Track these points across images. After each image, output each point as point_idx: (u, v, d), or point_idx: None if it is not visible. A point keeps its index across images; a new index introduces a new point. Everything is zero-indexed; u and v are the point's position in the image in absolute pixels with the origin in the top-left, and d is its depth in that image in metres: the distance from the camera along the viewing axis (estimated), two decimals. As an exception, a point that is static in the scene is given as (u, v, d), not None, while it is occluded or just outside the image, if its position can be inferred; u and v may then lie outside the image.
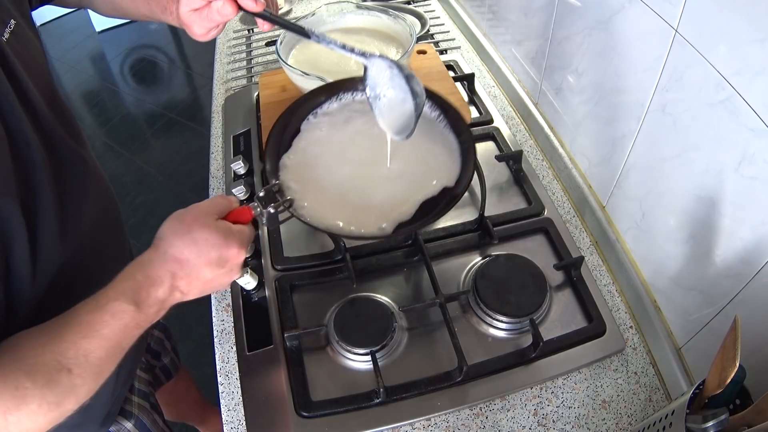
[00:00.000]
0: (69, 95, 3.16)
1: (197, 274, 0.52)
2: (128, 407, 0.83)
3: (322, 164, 0.73)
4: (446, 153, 0.73)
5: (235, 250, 0.54)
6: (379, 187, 0.71)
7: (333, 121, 0.78)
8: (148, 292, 0.50)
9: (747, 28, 0.51)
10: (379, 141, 0.73)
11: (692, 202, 0.65)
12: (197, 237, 0.52)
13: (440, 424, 0.70)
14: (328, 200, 0.69)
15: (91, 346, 0.46)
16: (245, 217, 0.59)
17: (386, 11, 1.05)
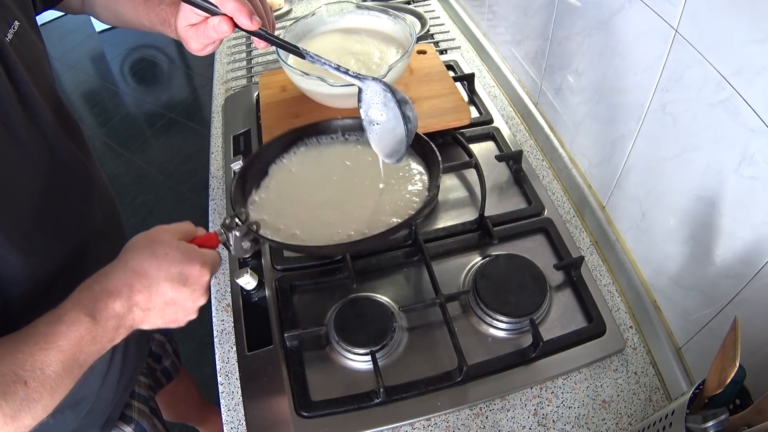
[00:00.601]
0: (69, 95, 3.17)
1: (156, 288, 0.50)
2: (128, 412, 0.83)
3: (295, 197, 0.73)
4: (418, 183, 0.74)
5: (197, 268, 0.52)
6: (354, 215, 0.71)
7: (302, 161, 0.78)
8: (105, 303, 0.48)
9: (747, 28, 0.51)
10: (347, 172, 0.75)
11: (692, 202, 0.65)
12: (158, 251, 0.51)
13: (440, 424, 0.70)
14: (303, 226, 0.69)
15: (48, 359, 0.45)
16: (211, 242, 0.57)
17: (386, 11, 1.05)
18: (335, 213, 0.71)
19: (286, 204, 0.72)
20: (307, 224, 0.69)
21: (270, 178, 0.75)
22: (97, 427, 0.75)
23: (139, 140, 2.82)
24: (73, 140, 0.67)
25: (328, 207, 0.72)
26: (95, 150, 0.75)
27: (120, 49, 3.54)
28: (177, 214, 2.35)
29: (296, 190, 0.74)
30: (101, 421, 0.76)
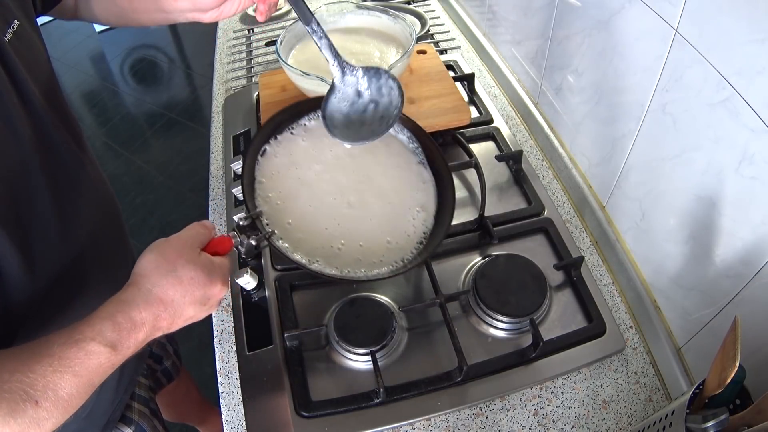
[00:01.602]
0: (69, 95, 3.17)
1: (180, 313, 0.51)
2: (128, 413, 0.83)
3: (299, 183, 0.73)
4: (423, 185, 0.73)
5: (219, 287, 0.53)
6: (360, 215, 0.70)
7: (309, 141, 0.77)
8: (129, 334, 0.48)
9: (747, 28, 0.51)
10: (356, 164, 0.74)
11: (692, 202, 0.65)
12: (182, 276, 0.50)
13: (440, 424, 0.70)
14: (308, 223, 0.69)
15: (62, 382, 0.44)
16: (224, 246, 0.57)
17: (386, 11, 1.05)
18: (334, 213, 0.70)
19: (291, 188, 0.71)
20: (306, 222, 0.68)
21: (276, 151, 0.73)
22: (97, 428, 0.75)
23: (139, 140, 2.82)
24: (74, 140, 0.67)
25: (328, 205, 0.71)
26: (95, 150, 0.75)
27: (120, 49, 3.54)
28: (177, 214, 2.35)
29: (302, 172, 0.72)
30: (101, 422, 0.76)
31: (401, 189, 0.71)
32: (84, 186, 0.68)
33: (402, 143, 0.74)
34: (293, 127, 0.76)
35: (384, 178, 0.73)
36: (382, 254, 0.66)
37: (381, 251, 0.66)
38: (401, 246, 0.67)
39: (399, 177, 0.72)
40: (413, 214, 0.69)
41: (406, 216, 0.69)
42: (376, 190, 0.71)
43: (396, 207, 0.70)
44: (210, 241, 0.56)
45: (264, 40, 1.37)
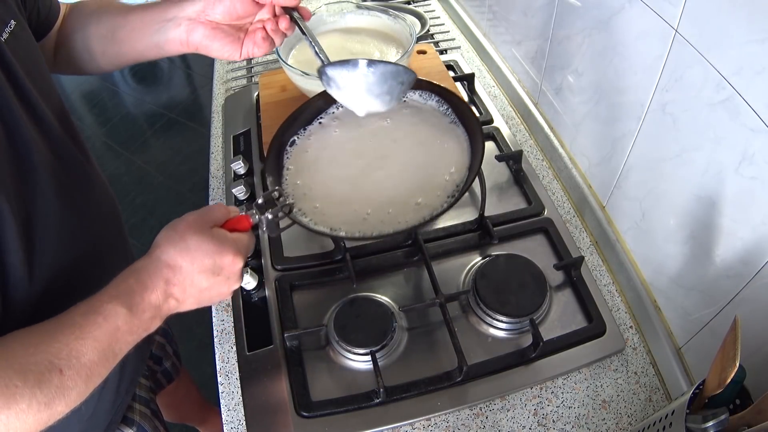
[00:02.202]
0: (69, 95, 3.16)
1: (191, 281, 0.52)
2: (130, 414, 0.83)
3: (332, 163, 0.73)
4: (457, 144, 0.73)
5: (230, 258, 0.53)
6: (391, 184, 0.70)
7: (341, 123, 0.78)
8: (142, 296, 0.50)
9: (747, 28, 0.51)
10: (390, 138, 0.74)
11: (692, 202, 0.65)
12: (190, 244, 0.52)
13: (440, 424, 0.70)
14: (337, 201, 0.69)
15: (84, 348, 0.46)
16: (243, 225, 0.57)
17: (386, 11, 1.05)
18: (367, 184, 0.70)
19: (320, 173, 0.71)
20: (336, 198, 0.68)
21: (306, 139, 0.74)
22: (99, 430, 0.75)
23: (139, 140, 2.82)
24: (72, 140, 0.67)
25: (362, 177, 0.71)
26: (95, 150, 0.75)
27: (120, 49, 3.54)
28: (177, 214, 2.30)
29: (333, 156, 0.73)
30: (104, 424, 0.76)
31: (437, 152, 0.72)
32: (85, 185, 0.68)
33: (432, 108, 0.76)
34: (321, 117, 0.77)
35: (418, 148, 0.73)
36: (409, 215, 0.66)
37: (409, 212, 0.66)
38: (431, 204, 0.67)
39: (434, 142, 0.73)
40: (447, 174, 0.69)
41: (440, 177, 0.69)
42: (412, 158, 0.72)
43: (432, 168, 0.70)
44: (228, 221, 0.56)
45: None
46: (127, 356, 0.76)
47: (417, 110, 0.77)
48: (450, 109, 0.76)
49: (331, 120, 0.77)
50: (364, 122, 0.76)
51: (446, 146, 0.73)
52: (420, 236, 0.85)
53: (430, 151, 0.73)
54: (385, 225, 0.65)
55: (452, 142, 0.73)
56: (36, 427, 0.45)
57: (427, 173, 0.70)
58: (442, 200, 0.67)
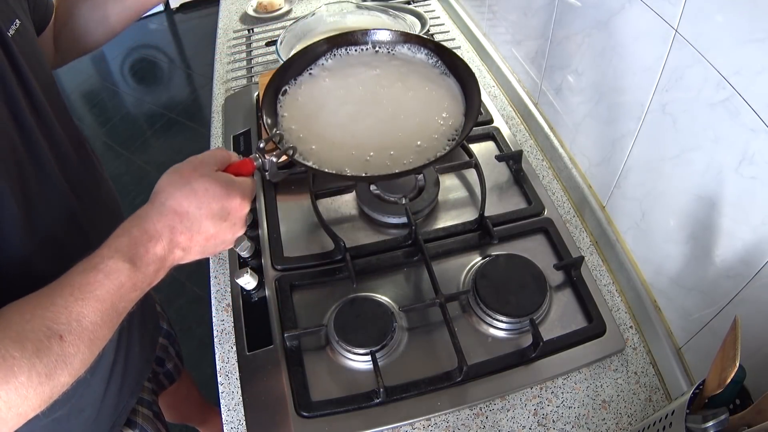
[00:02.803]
0: (69, 95, 3.16)
1: (198, 227, 0.49)
2: (133, 417, 0.83)
3: (324, 109, 0.73)
4: (447, 91, 0.75)
5: (238, 201, 0.51)
6: (384, 128, 0.70)
7: (331, 74, 0.78)
8: (146, 248, 0.46)
9: (747, 28, 0.51)
10: (380, 85, 0.75)
11: (692, 202, 0.65)
12: (197, 187, 0.48)
13: (440, 424, 0.70)
14: (334, 145, 0.68)
15: (85, 310, 0.43)
16: (246, 169, 0.55)
17: (386, 11, 1.05)
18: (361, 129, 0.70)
19: (313, 118, 0.71)
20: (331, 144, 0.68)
21: (298, 88, 0.75)
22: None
23: (139, 140, 2.82)
24: (75, 140, 0.67)
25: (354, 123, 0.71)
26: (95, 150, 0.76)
27: (120, 49, 3.54)
28: (177, 214, 2.35)
29: (324, 102, 0.73)
30: (107, 427, 0.76)
31: (427, 99, 0.73)
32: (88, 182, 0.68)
33: (422, 60, 0.78)
34: (311, 68, 0.78)
35: (408, 93, 0.74)
36: (412, 156, 0.65)
37: (411, 153, 0.66)
38: (432, 146, 0.67)
39: (423, 89, 0.74)
40: (441, 118, 0.70)
41: (435, 120, 0.70)
42: (402, 104, 0.73)
43: (424, 114, 0.71)
44: (230, 165, 0.54)
45: (264, 40, 1.37)
46: (130, 359, 0.76)
47: (406, 62, 0.79)
48: (440, 61, 0.78)
49: (321, 71, 0.78)
50: (354, 72, 0.77)
51: (436, 93, 0.74)
52: (420, 236, 0.85)
53: (421, 98, 0.74)
54: (390, 166, 0.64)
55: (443, 89, 0.75)
56: (38, 403, 0.42)
57: (421, 118, 0.71)
58: (443, 143, 0.67)
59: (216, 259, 0.90)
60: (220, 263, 0.90)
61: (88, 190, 0.68)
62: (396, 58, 0.79)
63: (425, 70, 0.77)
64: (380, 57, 0.80)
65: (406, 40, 0.79)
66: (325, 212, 0.91)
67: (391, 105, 0.74)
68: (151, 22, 3.76)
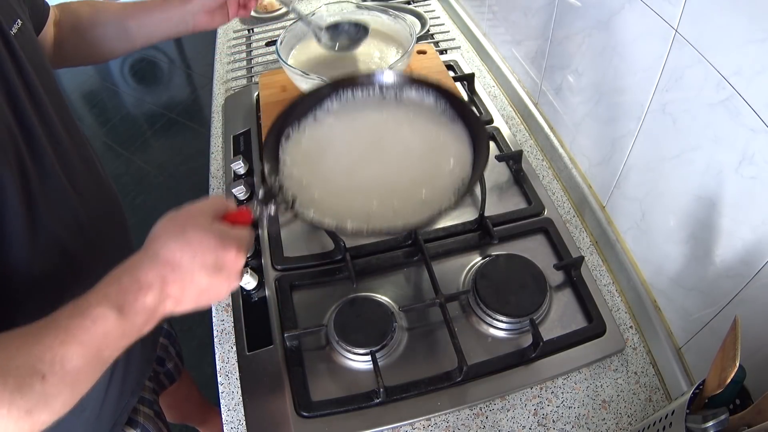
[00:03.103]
0: (69, 95, 3.17)
1: (191, 278, 0.47)
2: (134, 416, 0.83)
3: (328, 154, 0.72)
4: (457, 140, 0.72)
5: (233, 254, 0.49)
6: (390, 175, 0.68)
7: (336, 118, 0.77)
8: (135, 296, 0.45)
9: (747, 28, 0.51)
10: (387, 129, 0.73)
11: (692, 202, 0.65)
12: (191, 238, 0.47)
13: (440, 424, 0.70)
14: (336, 193, 0.67)
15: (69, 353, 0.42)
16: (244, 219, 0.53)
17: (386, 11, 1.05)
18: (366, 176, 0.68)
19: (317, 164, 0.69)
20: (334, 192, 0.66)
21: (301, 133, 0.73)
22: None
23: (139, 140, 2.82)
24: (77, 140, 0.67)
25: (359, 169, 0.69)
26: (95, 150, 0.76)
27: (120, 49, 3.54)
28: (177, 214, 2.35)
29: (329, 147, 0.71)
30: (109, 425, 0.76)
31: (434, 145, 0.70)
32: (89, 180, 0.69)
33: (430, 106, 0.75)
34: (316, 110, 0.75)
35: (415, 140, 0.72)
36: (415, 209, 0.63)
37: (415, 207, 0.63)
38: (437, 197, 0.64)
39: (430, 136, 0.72)
40: (448, 169, 0.67)
41: (442, 171, 0.67)
42: (409, 150, 0.71)
43: (430, 165, 0.68)
44: (227, 214, 0.53)
45: (264, 40, 1.37)
46: (131, 358, 0.76)
47: (413, 106, 0.76)
48: (448, 105, 0.75)
49: (325, 114, 0.76)
50: (360, 116, 0.75)
51: (444, 140, 0.72)
52: (420, 236, 0.85)
53: (428, 144, 0.72)
54: (393, 218, 0.62)
55: (450, 136, 0.72)
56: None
57: (427, 167, 0.69)
58: (448, 195, 0.64)
59: (216, 259, 0.90)
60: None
61: (89, 188, 0.68)
62: (403, 102, 0.76)
63: (433, 115, 0.74)
64: (387, 101, 0.77)
65: (414, 83, 0.76)
66: (325, 212, 0.91)
67: (398, 151, 0.71)
68: (151, 22, 3.75)
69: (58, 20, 0.79)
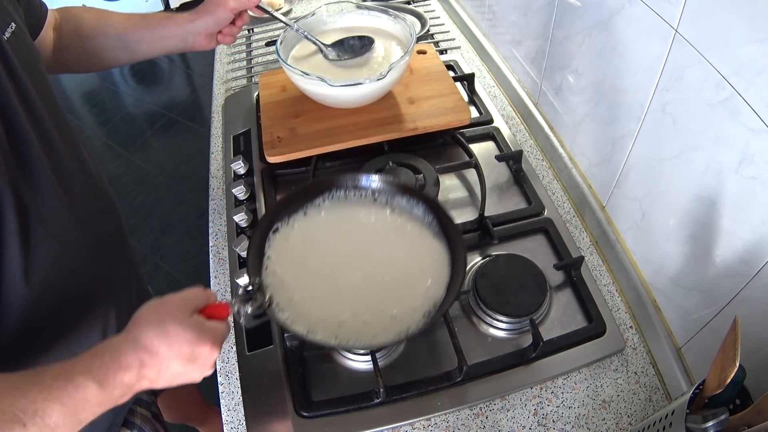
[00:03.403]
0: (69, 95, 3.17)
1: (167, 366, 0.52)
2: (131, 417, 0.82)
3: (313, 255, 0.73)
4: (438, 258, 0.73)
5: (208, 348, 0.53)
6: (368, 287, 0.70)
7: (327, 215, 0.77)
8: (115, 374, 0.49)
9: (747, 28, 0.51)
10: (374, 236, 0.74)
11: (692, 202, 0.65)
12: (170, 330, 0.51)
13: (440, 424, 0.70)
14: (314, 298, 0.68)
15: (50, 410, 0.46)
16: (222, 313, 0.57)
17: (386, 11, 1.05)
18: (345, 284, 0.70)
19: (300, 264, 0.71)
20: (312, 296, 0.68)
21: (290, 228, 0.75)
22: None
23: (139, 140, 2.82)
24: (65, 138, 0.67)
25: (340, 275, 0.71)
26: (95, 150, 0.76)
27: (120, 49, 3.54)
28: (177, 214, 2.35)
29: (314, 248, 0.73)
30: (104, 428, 0.75)
31: (415, 263, 0.72)
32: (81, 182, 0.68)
33: (418, 217, 0.76)
34: (306, 206, 0.77)
35: (400, 251, 0.73)
36: (385, 326, 0.65)
37: (385, 324, 0.66)
38: (407, 318, 0.66)
39: (414, 251, 0.73)
40: (424, 287, 0.69)
41: (418, 289, 0.69)
42: (392, 262, 0.72)
43: (408, 281, 0.70)
44: (207, 306, 0.56)
45: (264, 40, 1.37)
46: None
47: (402, 216, 0.77)
48: (435, 221, 0.75)
49: (316, 211, 0.77)
50: (349, 217, 0.76)
51: (426, 256, 0.72)
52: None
53: (411, 260, 0.72)
54: (360, 335, 0.64)
55: (432, 254, 0.72)
56: None
57: (405, 282, 0.70)
58: (418, 318, 0.66)
59: (216, 259, 0.90)
60: (220, 263, 0.90)
61: (84, 192, 0.68)
62: (393, 210, 0.77)
63: (420, 227, 0.75)
64: (378, 205, 0.77)
65: (405, 192, 0.77)
66: (325, 212, 0.91)
67: (381, 260, 0.72)
68: (151, 22, 3.75)
69: (58, 25, 0.79)
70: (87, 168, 0.71)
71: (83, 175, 0.69)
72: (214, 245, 0.93)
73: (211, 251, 0.92)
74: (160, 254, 2.18)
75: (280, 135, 0.98)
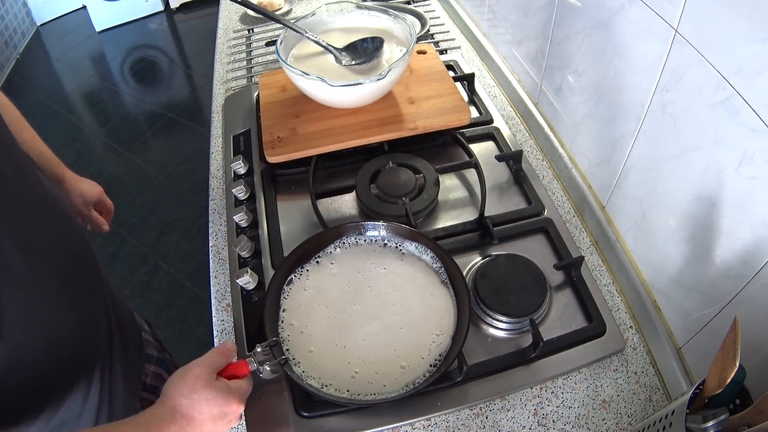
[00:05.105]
0: (69, 95, 3.17)
1: (200, 427, 0.59)
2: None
3: (325, 307, 0.75)
4: (445, 304, 0.75)
5: (235, 406, 0.61)
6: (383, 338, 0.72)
7: (339, 264, 0.79)
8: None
9: (747, 28, 0.51)
10: (389, 286, 0.76)
11: (692, 202, 0.65)
12: (200, 397, 0.58)
13: (440, 424, 0.70)
14: (330, 349, 0.71)
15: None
16: (242, 371, 0.64)
17: (386, 11, 1.05)
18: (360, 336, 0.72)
19: (316, 315, 0.74)
20: (327, 348, 0.71)
21: (305, 279, 0.78)
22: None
23: (139, 140, 2.82)
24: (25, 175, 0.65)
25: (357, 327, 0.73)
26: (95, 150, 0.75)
27: (120, 49, 3.55)
28: (177, 214, 2.35)
29: (330, 299, 0.76)
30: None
31: (425, 314, 0.74)
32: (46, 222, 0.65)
33: (426, 263, 0.79)
34: (319, 255, 0.80)
35: (410, 303, 0.75)
36: (394, 378, 0.69)
37: (394, 376, 0.69)
38: (414, 370, 0.69)
39: (423, 300, 0.75)
40: (432, 338, 0.71)
41: (426, 341, 0.71)
42: (401, 316, 0.74)
43: (418, 332, 0.72)
44: (228, 366, 0.63)
45: (264, 40, 1.37)
46: (115, 395, 0.76)
47: (412, 262, 0.79)
48: (442, 268, 0.78)
49: (328, 260, 0.79)
50: (362, 267, 0.79)
51: (435, 305, 0.75)
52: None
53: (421, 310, 0.74)
54: (372, 387, 0.68)
55: (440, 301, 0.75)
56: None
57: (416, 334, 0.72)
58: (424, 370, 0.69)
59: (216, 259, 0.90)
60: (220, 263, 0.90)
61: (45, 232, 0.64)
62: (403, 257, 0.79)
63: (428, 275, 0.78)
64: (388, 252, 0.80)
65: (414, 238, 0.80)
66: (325, 212, 0.91)
67: (393, 312, 0.74)
68: (150, 22, 3.76)
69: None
70: (51, 204, 0.68)
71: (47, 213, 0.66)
72: (214, 245, 0.93)
73: (211, 251, 0.92)
74: (160, 254, 2.18)
75: (280, 135, 0.98)
